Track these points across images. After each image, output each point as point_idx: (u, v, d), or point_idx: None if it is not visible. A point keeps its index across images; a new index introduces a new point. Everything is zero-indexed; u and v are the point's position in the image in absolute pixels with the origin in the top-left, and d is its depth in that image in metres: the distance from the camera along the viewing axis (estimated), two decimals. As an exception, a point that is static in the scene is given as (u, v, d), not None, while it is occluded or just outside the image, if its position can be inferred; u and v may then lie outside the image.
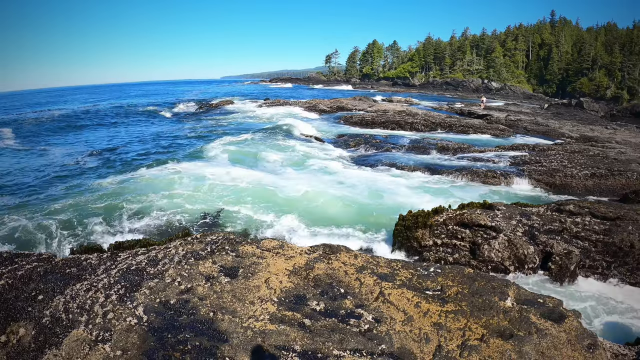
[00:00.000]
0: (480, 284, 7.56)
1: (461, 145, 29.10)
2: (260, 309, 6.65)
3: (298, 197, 18.56)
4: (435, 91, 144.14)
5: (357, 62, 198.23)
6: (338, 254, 8.11)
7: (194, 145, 30.51)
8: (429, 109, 61.48)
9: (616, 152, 27.00)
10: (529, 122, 46.63)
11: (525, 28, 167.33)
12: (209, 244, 8.87)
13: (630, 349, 7.22)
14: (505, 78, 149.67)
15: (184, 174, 21.16)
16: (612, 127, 50.27)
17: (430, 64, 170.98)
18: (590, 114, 72.00)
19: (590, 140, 35.41)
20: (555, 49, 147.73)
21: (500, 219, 13.01)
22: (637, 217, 12.90)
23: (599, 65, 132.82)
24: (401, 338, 6.30)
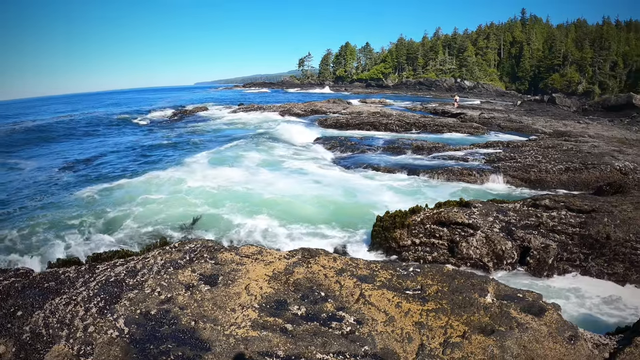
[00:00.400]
0: (460, 281, 7.61)
1: (436, 145, 29.26)
2: (242, 316, 6.63)
3: (275, 199, 18.57)
4: (409, 91, 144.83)
5: (330, 65, 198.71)
6: (317, 258, 8.12)
7: (169, 154, 30.31)
8: (403, 109, 61.74)
9: (589, 145, 27.31)
10: (503, 120, 47.04)
11: (497, 27, 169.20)
12: (188, 252, 8.83)
13: (611, 339, 7.29)
14: (477, 76, 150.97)
15: (160, 184, 20.99)
16: (584, 121, 50.86)
17: (403, 64, 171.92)
18: (562, 110, 72.78)
19: (564, 135, 35.79)
20: (527, 46, 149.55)
21: (477, 216, 13.11)
22: (612, 209, 13.07)
23: (570, 61, 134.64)
24: (384, 339, 6.31)
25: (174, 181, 21.23)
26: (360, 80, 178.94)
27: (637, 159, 23.46)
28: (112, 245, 14.22)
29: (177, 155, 28.95)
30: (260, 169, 24.51)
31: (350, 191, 19.52)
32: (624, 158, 23.32)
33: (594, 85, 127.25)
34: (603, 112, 68.78)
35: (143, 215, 16.80)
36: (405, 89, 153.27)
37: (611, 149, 26.40)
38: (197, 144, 33.61)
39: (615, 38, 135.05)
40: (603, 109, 70.75)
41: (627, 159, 23.08)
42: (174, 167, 24.89)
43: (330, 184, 20.83)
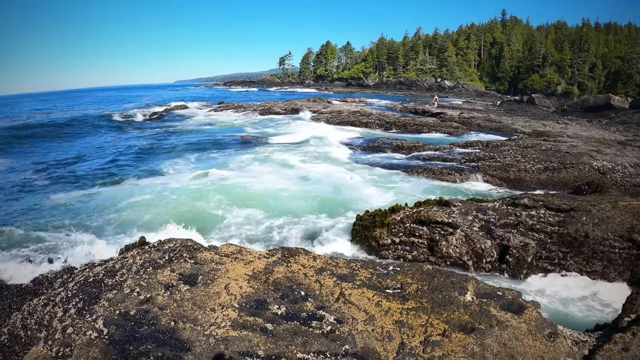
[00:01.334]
0: (440, 280, 7.63)
1: (416, 144, 29.32)
2: (222, 316, 6.60)
3: (261, 192, 18.60)
4: (389, 91, 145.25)
5: (311, 64, 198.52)
6: (297, 257, 8.11)
7: (149, 155, 29.77)
8: (383, 108, 61.81)
9: (568, 145, 27.52)
10: (482, 119, 47.29)
11: (477, 27, 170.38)
12: (167, 252, 8.78)
13: (590, 336, 7.36)
14: (458, 76, 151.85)
15: (140, 186, 20.72)
16: (563, 121, 51.28)
17: (384, 64, 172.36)
18: (541, 110, 73.45)
19: (543, 135, 36.05)
20: (507, 47, 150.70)
21: (456, 215, 13.16)
22: (590, 208, 13.20)
23: (550, 62, 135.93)
24: (364, 337, 6.31)
25: (153, 184, 20.89)
26: (341, 80, 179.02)
27: (615, 159, 23.68)
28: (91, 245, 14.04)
29: (157, 156, 28.53)
30: (246, 166, 24.40)
31: (331, 191, 19.49)
32: (602, 158, 23.54)
33: (573, 87, 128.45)
34: (582, 112, 69.50)
35: (123, 217, 16.59)
36: (385, 89, 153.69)
37: (589, 149, 26.62)
38: (177, 144, 33.25)
39: (594, 40, 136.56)
40: (582, 109, 71.50)
41: (605, 159, 23.30)
42: (154, 168, 24.61)
43: (311, 183, 20.78)
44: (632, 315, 7.55)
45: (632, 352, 6.61)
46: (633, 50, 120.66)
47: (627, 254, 12.01)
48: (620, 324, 7.43)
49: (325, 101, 63.48)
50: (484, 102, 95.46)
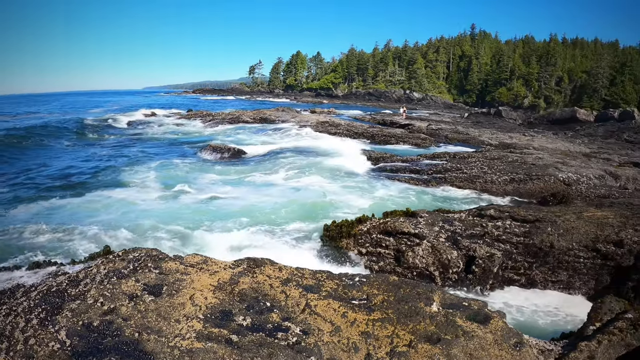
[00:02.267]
0: (406, 290, 7.65)
1: (383, 155, 29.40)
2: (186, 327, 6.53)
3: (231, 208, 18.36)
4: (358, 102, 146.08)
5: (280, 73, 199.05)
6: (262, 267, 8.07)
7: (116, 165, 28.93)
8: (351, 119, 62.02)
9: (534, 157, 27.86)
10: (450, 131, 47.75)
11: (447, 40, 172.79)
12: (132, 261, 8.67)
13: (556, 345, 7.44)
14: (426, 88, 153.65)
15: (107, 200, 20.16)
16: (529, 134, 52.03)
17: (354, 75, 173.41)
18: (508, 122, 74.53)
19: (509, 147, 36.49)
20: (475, 60, 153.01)
21: (423, 226, 13.24)
22: (555, 219, 13.39)
23: (517, 75, 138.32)
24: (330, 349, 6.29)
25: (121, 197, 20.36)
26: (310, 90, 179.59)
27: (580, 171, 24.02)
28: (54, 254, 13.79)
29: (124, 166, 27.84)
30: (212, 176, 24.23)
31: (298, 201, 19.43)
32: (567, 169, 23.86)
33: (539, 100, 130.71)
34: (548, 125, 70.71)
35: (87, 227, 16.19)
36: (354, 99, 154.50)
37: (555, 160, 26.97)
38: (146, 153, 32.82)
39: (561, 54, 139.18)
40: (548, 122, 72.77)
41: (570, 171, 23.62)
42: (120, 180, 24.06)
43: (277, 194, 20.68)
44: (597, 323, 7.65)
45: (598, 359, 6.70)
46: (599, 65, 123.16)
47: (592, 264, 12.23)
48: (586, 332, 7.53)
49: (294, 111, 63.60)
50: (451, 114, 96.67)
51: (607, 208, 15.56)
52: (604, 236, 12.55)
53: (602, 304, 8.11)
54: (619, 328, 7.18)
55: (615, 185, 23.90)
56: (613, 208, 15.54)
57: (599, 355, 6.75)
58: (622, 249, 12.10)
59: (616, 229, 12.80)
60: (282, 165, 27.16)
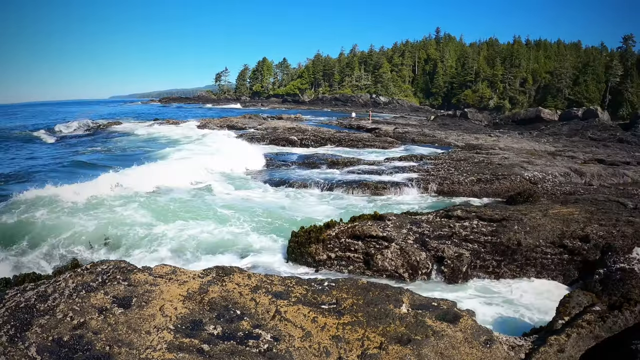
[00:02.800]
0: (375, 293, 7.70)
1: (351, 159, 29.49)
2: (157, 338, 6.49)
3: (185, 214, 18.16)
4: (325, 107, 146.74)
5: (247, 80, 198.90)
6: (231, 275, 8.05)
7: (81, 174, 28.46)
8: (318, 124, 62.22)
9: (500, 157, 28.21)
10: (417, 134, 48.13)
11: (412, 44, 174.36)
12: (100, 274, 8.59)
13: (526, 340, 7.54)
14: (392, 92, 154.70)
15: (71, 206, 19.89)
16: (495, 134, 52.69)
17: (320, 80, 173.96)
18: (474, 124, 75.41)
19: (475, 148, 36.88)
20: (440, 63, 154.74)
21: (391, 228, 13.31)
22: (522, 217, 13.60)
23: (482, 77, 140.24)
24: (301, 354, 6.30)
25: (85, 204, 20.00)
26: (277, 96, 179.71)
27: (545, 169, 24.38)
28: (21, 269, 13.55)
29: (88, 176, 27.19)
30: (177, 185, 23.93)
31: (265, 207, 19.35)
32: (532, 168, 24.20)
33: (504, 101, 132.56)
34: (513, 125, 71.73)
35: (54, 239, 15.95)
36: (321, 105, 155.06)
37: (521, 160, 27.33)
38: (113, 160, 32.32)
39: (525, 56, 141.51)
40: (513, 122, 73.82)
41: (535, 169, 23.97)
42: (86, 188, 23.52)
43: (245, 202, 20.57)
44: (566, 317, 7.78)
45: (568, 352, 6.81)
46: (562, 66, 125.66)
47: (559, 259, 12.42)
48: (555, 326, 7.65)
49: (261, 118, 63.64)
50: (418, 117, 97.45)
51: (572, 204, 15.81)
52: (570, 232, 12.76)
53: (570, 298, 8.25)
54: (587, 321, 7.31)
55: (580, 182, 24.31)
56: (578, 204, 15.80)
57: (569, 348, 6.87)
58: (588, 243, 12.32)
59: (582, 225, 13.03)
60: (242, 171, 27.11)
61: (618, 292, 8.94)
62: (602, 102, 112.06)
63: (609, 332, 7.12)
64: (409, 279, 12.30)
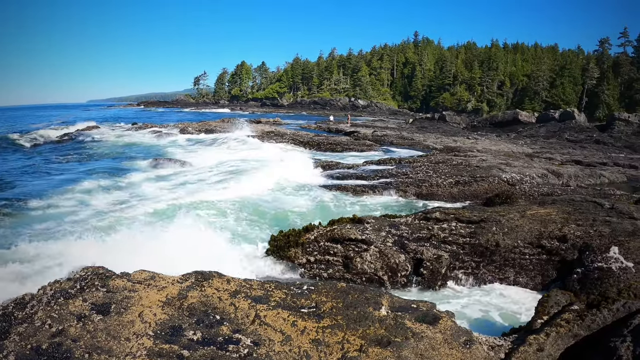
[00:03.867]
0: (354, 296, 7.72)
1: (329, 163, 29.49)
2: (137, 345, 6.45)
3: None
4: (304, 110, 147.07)
5: (225, 84, 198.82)
6: (210, 280, 8.02)
7: (57, 180, 28.00)
8: (297, 128, 62.27)
9: (478, 160, 28.38)
10: (395, 137, 48.34)
11: (390, 48, 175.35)
12: (78, 280, 8.52)
13: (505, 340, 7.61)
14: (371, 96, 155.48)
15: (44, 212, 19.57)
16: (473, 137, 53.06)
17: (299, 84, 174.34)
18: (452, 126, 75.82)
19: (454, 150, 37.04)
20: (419, 66, 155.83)
21: (370, 231, 13.34)
22: (500, 218, 13.69)
23: (460, 80, 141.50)
24: (282, 358, 6.30)
25: (58, 211, 19.69)
26: (256, 100, 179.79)
27: (523, 171, 24.60)
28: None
29: (66, 182, 26.78)
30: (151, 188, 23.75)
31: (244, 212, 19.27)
32: (510, 170, 24.40)
33: (482, 103, 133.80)
34: (491, 128, 72.22)
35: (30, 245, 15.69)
36: (300, 108, 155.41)
37: (498, 162, 27.54)
38: (88, 168, 31.93)
39: (502, 59, 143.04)
40: (491, 125, 74.31)
41: (513, 171, 24.17)
42: (59, 195, 23.04)
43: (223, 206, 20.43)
44: (545, 317, 7.85)
45: (547, 351, 6.89)
46: (539, 69, 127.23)
47: (538, 260, 12.52)
48: (534, 326, 7.73)
49: (240, 122, 63.43)
50: (396, 120, 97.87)
51: (550, 205, 15.94)
52: (547, 232, 12.88)
53: (548, 298, 8.33)
54: (566, 320, 7.39)
55: (557, 183, 24.56)
56: (556, 205, 15.93)
57: (548, 346, 6.94)
58: (566, 243, 12.42)
59: (559, 225, 13.15)
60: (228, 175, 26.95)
61: (596, 291, 9.05)
62: (579, 104, 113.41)
63: (587, 330, 7.20)
64: (388, 281, 12.34)
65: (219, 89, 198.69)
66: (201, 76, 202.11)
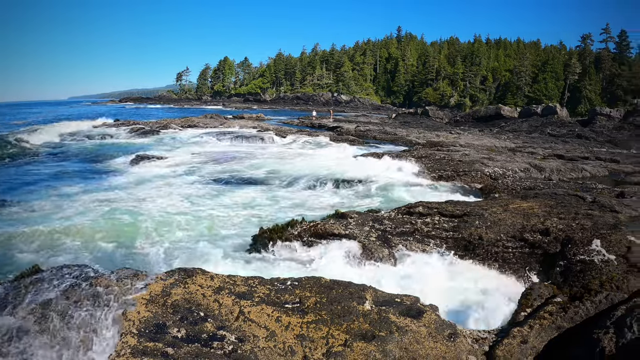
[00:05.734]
0: (338, 291, 7.72)
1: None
2: (121, 343, 6.40)
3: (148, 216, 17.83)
4: (287, 106, 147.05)
5: (208, 80, 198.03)
6: (194, 277, 7.98)
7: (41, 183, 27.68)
8: (280, 124, 62.19)
9: (461, 154, 28.46)
10: (378, 132, 48.36)
11: (373, 43, 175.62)
12: (61, 278, 8.47)
13: (489, 333, 7.66)
14: (354, 91, 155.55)
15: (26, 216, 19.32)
16: (456, 132, 53.18)
17: (281, 79, 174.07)
18: (435, 121, 75.94)
19: (436, 145, 37.11)
20: (402, 62, 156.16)
21: (353, 226, 13.38)
22: (482, 212, 13.82)
23: (443, 75, 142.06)
24: (266, 354, 6.30)
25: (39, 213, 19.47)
26: (239, 95, 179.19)
27: (505, 165, 24.69)
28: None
29: (45, 180, 26.41)
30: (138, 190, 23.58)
31: (229, 207, 19.21)
32: (493, 164, 24.48)
33: (465, 98, 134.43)
34: (474, 122, 72.48)
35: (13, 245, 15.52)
36: (283, 104, 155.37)
37: (481, 156, 27.63)
38: (69, 161, 31.59)
39: (485, 54, 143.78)
40: (474, 119, 74.59)
41: (496, 165, 24.25)
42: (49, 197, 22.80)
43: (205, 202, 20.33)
44: (528, 309, 7.91)
45: (531, 343, 6.93)
46: (521, 64, 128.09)
47: (520, 253, 12.61)
48: (518, 318, 7.79)
49: (222, 117, 63.15)
50: (379, 115, 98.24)
51: (532, 199, 16.07)
52: (530, 226, 12.98)
53: (531, 291, 8.39)
54: (549, 312, 7.44)
55: (540, 177, 24.68)
56: (538, 199, 16.06)
57: (532, 339, 6.99)
58: (549, 236, 12.52)
59: (542, 219, 13.27)
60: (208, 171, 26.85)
61: (579, 283, 9.11)
62: (561, 99, 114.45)
63: (570, 322, 7.25)
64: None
65: (201, 85, 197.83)
66: (184, 72, 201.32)
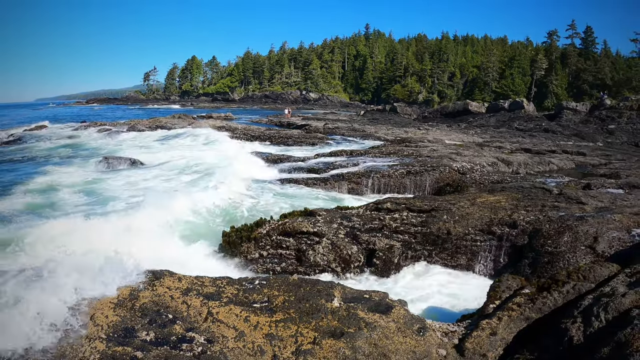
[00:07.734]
0: (306, 289, 7.74)
1: (281, 156, 29.31)
2: (90, 349, 6.33)
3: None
4: (255, 105, 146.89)
5: (176, 79, 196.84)
6: (162, 279, 7.93)
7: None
8: (248, 122, 62.00)
9: (429, 150, 28.71)
10: (347, 129, 48.56)
11: (341, 41, 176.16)
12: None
13: (459, 325, 7.72)
14: (322, 89, 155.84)
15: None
16: (424, 128, 53.58)
17: (250, 78, 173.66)
18: (404, 118, 76.50)
19: (405, 141, 37.31)
20: (370, 59, 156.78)
21: (322, 224, 13.41)
22: (450, 207, 13.98)
23: (411, 72, 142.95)
24: (236, 355, 6.29)
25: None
26: (207, 95, 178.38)
27: (473, 160, 24.94)
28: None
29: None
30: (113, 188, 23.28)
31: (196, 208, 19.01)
32: (461, 159, 24.69)
33: (433, 95, 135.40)
34: (442, 118, 73.03)
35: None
36: (251, 102, 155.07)
37: (449, 152, 27.87)
38: (38, 164, 31.01)
39: (452, 51, 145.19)
40: (442, 115, 75.17)
41: (464, 160, 24.47)
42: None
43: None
44: (497, 301, 7.99)
45: (500, 335, 7.00)
46: (489, 60, 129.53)
47: (489, 246, 12.81)
48: (487, 311, 7.85)
49: (190, 117, 62.75)
50: (348, 113, 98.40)
51: (499, 192, 16.27)
52: (497, 219, 13.16)
53: (500, 283, 8.47)
54: (518, 303, 7.52)
55: (507, 170, 25.00)
56: (505, 192, 16.27)
57: (501, 330, 7.06)
58: (516, 229, 12.72)
59: (509, 212, 13.46)
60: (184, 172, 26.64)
61: (546, 275, 9.27)
62: (528, 94, 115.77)
63: (539, 313, 7.33)
64: (341, 272, 12.44)
65: (169, 85, 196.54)
66: (151, 72, 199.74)
